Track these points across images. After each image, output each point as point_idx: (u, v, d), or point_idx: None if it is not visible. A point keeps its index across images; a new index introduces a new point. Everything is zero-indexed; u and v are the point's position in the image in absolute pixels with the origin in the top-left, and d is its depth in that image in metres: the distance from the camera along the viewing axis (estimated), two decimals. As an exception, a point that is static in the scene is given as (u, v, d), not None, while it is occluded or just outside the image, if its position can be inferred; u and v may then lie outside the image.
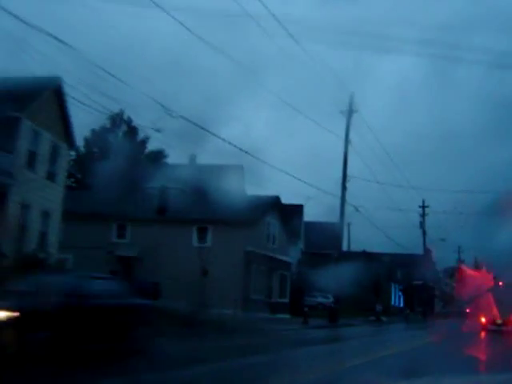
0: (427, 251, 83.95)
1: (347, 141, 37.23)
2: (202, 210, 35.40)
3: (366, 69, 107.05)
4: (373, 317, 45.11)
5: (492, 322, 31.08)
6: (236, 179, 39.25)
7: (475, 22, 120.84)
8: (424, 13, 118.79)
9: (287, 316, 35.50)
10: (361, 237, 75.94)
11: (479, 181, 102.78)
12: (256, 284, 34.85)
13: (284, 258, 38.73)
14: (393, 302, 65.38)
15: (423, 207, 66.88)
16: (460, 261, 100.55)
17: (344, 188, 37.29)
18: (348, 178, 37.50)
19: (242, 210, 34.25)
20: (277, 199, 37.78)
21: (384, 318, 46.06)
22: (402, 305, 68.57)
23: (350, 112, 37.35)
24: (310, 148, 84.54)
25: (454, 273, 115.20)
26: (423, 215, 66.88)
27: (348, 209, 38.15)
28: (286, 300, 38.35)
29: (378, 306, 59.85)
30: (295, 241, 55.29)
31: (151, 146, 65.73)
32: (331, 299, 51.99)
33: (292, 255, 54.13)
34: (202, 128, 23.21)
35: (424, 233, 67.22)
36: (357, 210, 38.30)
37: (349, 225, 70.92)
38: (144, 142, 66.56)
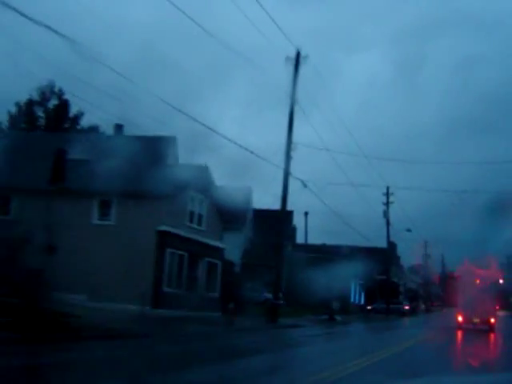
0: (391, 244, 77.81)
1: (294, 96, 30.03)
2: (107, 182, 27.65)
3: (335, 66, 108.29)
4: (325, 315, 38.03)
5: (469, 320, 29.98)
6: (167, 151, 31.99)
7: (442, 23, 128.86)
8: (392, 13, 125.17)
9: (216, 314, 28.08)
10: (324, 229, 69.07)
11: (446, 178, 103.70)
12: (173, 273, 27.39)
13: (214, 244, 31.29)
14: (352, 299, 58.59)
15: (387, 194, 60.32)
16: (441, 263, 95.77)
17: (288, 157, 30.08)
18: (294, 146, 30.28)
19: (158, 181, 26.91)
20: (204, 169, 30.32)
21: (338, 317, 39.01)
22: (362, 302, 61.90)
23: (297, 62, 30.12)
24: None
25: (419, 270, 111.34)
26: (387, 203, 60.27)
27: (294, 185, 30.92)
28: (216, 294, 30.91)
29: (334, 303, 52.99)
30: (239, 228, 48.01)
31: (87, 122, 58.07)
32: (280, 295, 44.98)
33: (236, 244, 46.89)
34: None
35: (388, 223, 60.60)
36: (304, 185, 31.05)
37: (306, 215, 64.43)
38: (77, 117, 58.85)
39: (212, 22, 41.53)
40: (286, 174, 29.87)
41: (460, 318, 30.60)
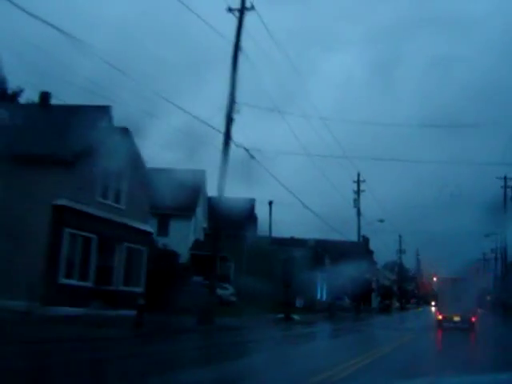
0: (364, 239, 72.73)
1: (237, 45, 24.41)
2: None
3: (311, 64, 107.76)
4: (281, 314, 32.48)
5: (449, 319, 29.41)
6: (98, 120, 26.19)
7: (417, 23, 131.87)
8: (368, 13, 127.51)
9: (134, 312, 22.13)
10: (295, 222, 63.62)
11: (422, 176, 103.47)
12: (74, 261, 21.50)
13: (138, 226, 25.43)
14: (319, 296, 53.21)
15: (358, 182, 55.05)
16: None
17: (230, 120, 24.40)
18: (238, 107, 24.62)
19: (63, 146, 21.29)
20: (126, 133, 24.51)
21: (296, 317, 33.50)
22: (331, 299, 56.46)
23: (242, 7, 24.53)
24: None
25: (394, 267, 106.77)
26: (358, 191, 54.98)
27: (238, 153, 25.24)
28: (139, 289, 24.99)
29: (298, 301, 47.66)
30: (189, 215, 42.28)
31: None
32: (231, 290, 39.29)
33: (184, 233, 41.21)
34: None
35: (359, 213, 55.22)
36: (251, 155, 25.41)
37: (270, 204, 58.80)
38: (16, 94, 52.51)
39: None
40: (227, 140, 24.19)
41: (440, 317, 30.14)
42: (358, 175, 55.20)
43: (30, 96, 47.43)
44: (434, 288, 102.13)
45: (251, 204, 54.33)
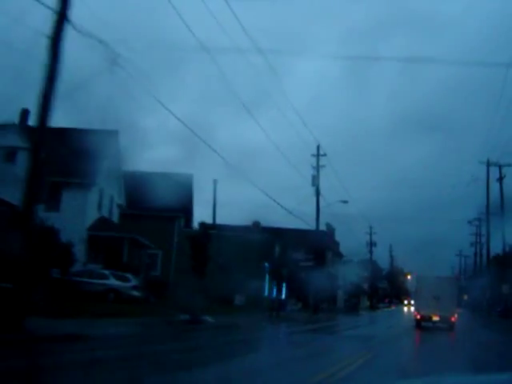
0: (329, 228, 63.70)
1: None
2: None
3: (284, 67, 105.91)
4: (187, 315, 22.86)
5: (427, 318, 29.01)
6: None
7: (391, 24, 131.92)
8: (342, 13, 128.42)
9: None
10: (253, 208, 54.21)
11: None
12: None
13: None
14: (267, 292, 43.85)
15: (317, 156, 45.67)
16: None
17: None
18: None
19: None
20: None
21: (210, 319, 23.90)
22: (283, 296, 47.19)
23: None
24: None
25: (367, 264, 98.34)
26: (317, 166, 45.57)
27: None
28: None
29: (237, 298, 38.34)
30: (86, 186, 32.42)
31: None
32: (133, 283, 29.57)
33: (78, 208, 31.43)
34: None
35: (318, 193, 45.80)
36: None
37: (215, 184, 49.28)
38: None
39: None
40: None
41: (418, 316, 29.58)
42: (318, 148, 45.92)
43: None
44: (409, 286, 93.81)
45: (188, 180, 44.73)
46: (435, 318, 28.92)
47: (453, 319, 28.58)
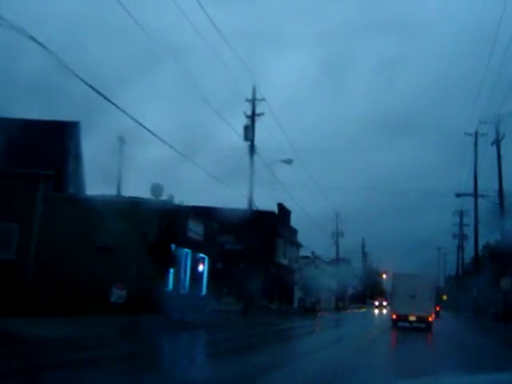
0: (282, 209, 51.41)
1: None
2: None
3: (262, 64, 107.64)
4: None
5: (404, 318, 28.28)
6: None
7: (367, 26, 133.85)
8: (319, 14, 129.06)
9: None
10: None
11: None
12: None
13: None
14: (171, 286, 31.10)
15: (253, 100, 33.02)
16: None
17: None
18: None
19: None
20: None
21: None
22: (203, 292, 34.55)
23: None
24: None
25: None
26: (252, 116, 32.90)
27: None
28: None
29: (115, 292, 25.86)
30: None
31: None
32: None
33: None
34: None
35: (252, 146, 33.04)
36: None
37: (122, 141, 36.68)
38: None
39: None
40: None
41: (394, 316, 29.15)
42: (254, 91, 33.35)
43: None
44: (386, 287, 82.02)
45: (70, 130, 31.86)
46: (412, 318, 28.16)
47: (430, 319, 28.08)
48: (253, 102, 33.07)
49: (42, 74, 31.89)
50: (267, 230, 45.31)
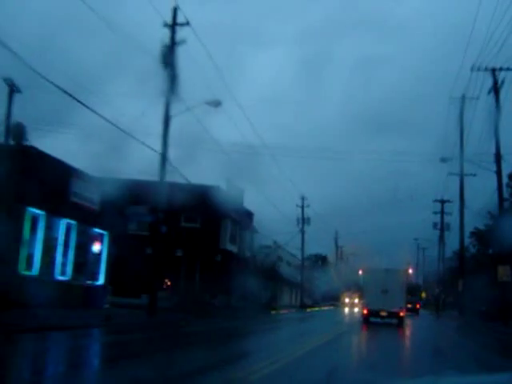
0: (231, 185, 42.86)
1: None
2: None
3: (240, 61, 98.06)
4: None
5: (375, 314, 27.84)
6: None
7: (346, 24, 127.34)
8: (298, 12, 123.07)
9: None
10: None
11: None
12: None
13: None
14: (67, 271, 22.28)
15: (173, 25, 24.17)
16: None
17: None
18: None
19: None
20: None
21: None
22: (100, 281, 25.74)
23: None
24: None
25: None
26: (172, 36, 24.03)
27: None
28: None
29: None
30: None
31: None
32: None
33: None
34: None
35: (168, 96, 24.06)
36: None
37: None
38: None
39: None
40: None
41: (365, 311, 28.35)
42: (174, 11, 24.55)
43: None
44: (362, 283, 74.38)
45: None
46: (383, 314, 27.79)
47: (401, 314, 27.70)
48: (172, 27, 24.35)
49: None
50: (210, 208, 36.77)
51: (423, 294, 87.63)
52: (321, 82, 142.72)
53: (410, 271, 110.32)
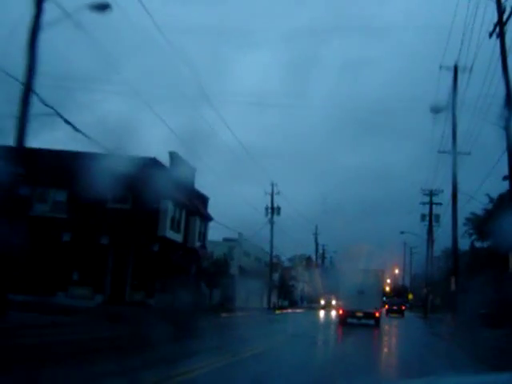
0: (174, 157, 35.27)
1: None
2: None
3: (225, 62, 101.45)
4: None
5: (351, 314, 27.60)
6: None
7: (333, 27, 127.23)
8: (284, 14, 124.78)
9: None
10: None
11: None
12: None
13: None
14: None
15: None
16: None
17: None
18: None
19: None
20: None
21: None
22: None
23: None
24: None
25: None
26: None
27: None
28: None
29: None
30: None
31: None
32: None
33: None
34: None
35: None
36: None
37: None
38: None
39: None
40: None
41: (340, 312, 28.39)
42: None
43: None
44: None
45: None
46: (359, 314, 27.50)
47: (377, 314, 27.59)
48: None
49: None
50: (145, 186, 29.22)
51: (410, 296, 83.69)
52: (307, 84, 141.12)
53: (397, 271, 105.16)
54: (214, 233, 57.30)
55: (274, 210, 49.51)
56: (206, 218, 38.68)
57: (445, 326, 31.71)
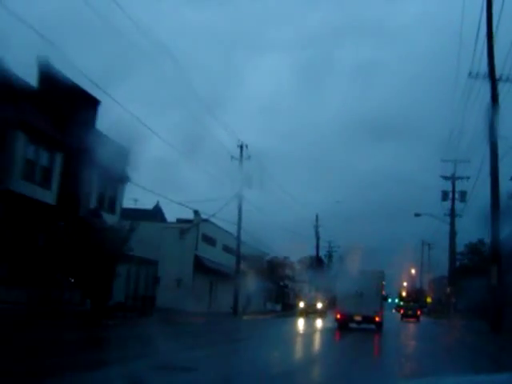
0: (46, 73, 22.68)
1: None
2: None
3: (238, 66, 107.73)
4: None
5: (349, 318, 26.14)
6: None
7: (345, 30, 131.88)
8: (297, 18, 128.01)
9: None
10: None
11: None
12: None
13: None
14: None
15: None
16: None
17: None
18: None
19: None
20: None
21: None
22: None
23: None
24: None
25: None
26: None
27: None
28: None
29: None
30: None
31: None
32: None
33: None
34: None
35: None
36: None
37: None
38: None
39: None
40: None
41: (338, 316, 26.63)
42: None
43: None
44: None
45: None
46: (357, 318, 26.09)
47: (377, 319, 25.72)
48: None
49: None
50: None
51: (428, 299, 77.35)
52: (320, 87, 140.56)
53: (413, 271, 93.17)
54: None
55: (244, 183, 36.73)
56: (121, 180, 25.79)
57: (482, 336, 19.68)
